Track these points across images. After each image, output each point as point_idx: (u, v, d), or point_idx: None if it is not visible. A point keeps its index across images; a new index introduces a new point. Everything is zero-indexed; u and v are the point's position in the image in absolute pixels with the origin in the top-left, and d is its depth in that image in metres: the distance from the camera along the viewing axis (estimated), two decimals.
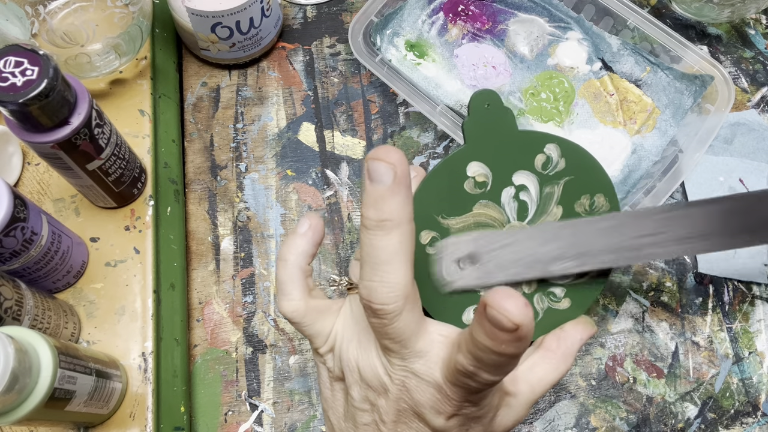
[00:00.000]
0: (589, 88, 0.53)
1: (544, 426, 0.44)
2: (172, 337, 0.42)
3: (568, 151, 0.35)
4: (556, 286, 0.35)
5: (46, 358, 0.30)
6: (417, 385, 0.27)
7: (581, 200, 0.35)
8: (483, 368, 0.24)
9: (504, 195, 0.35)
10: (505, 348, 0.22)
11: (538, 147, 0.35)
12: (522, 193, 0.35)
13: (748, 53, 0.57)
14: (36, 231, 0.35)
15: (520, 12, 0.55)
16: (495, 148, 0.34)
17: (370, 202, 0.25)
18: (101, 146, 0.37)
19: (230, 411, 0.43)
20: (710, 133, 0.47)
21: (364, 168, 0.25)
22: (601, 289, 0.36)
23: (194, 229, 0.48)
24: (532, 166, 0.35)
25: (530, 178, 0.35)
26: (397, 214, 0.25)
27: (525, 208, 0.35)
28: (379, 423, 0.28)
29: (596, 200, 0.35)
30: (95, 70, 0.44)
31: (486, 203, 0.35)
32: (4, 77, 0.31)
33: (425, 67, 0.53)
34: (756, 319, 0.47)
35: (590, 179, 0.35)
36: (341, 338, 0.30)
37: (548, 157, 0.35)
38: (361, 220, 0.26)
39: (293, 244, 0.31)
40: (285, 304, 0.31)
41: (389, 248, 0.25)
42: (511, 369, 0.24)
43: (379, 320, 0.26)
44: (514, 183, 0.35)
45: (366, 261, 0.26)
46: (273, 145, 0.51)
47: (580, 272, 0.34)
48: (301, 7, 0.57)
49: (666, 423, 0.44)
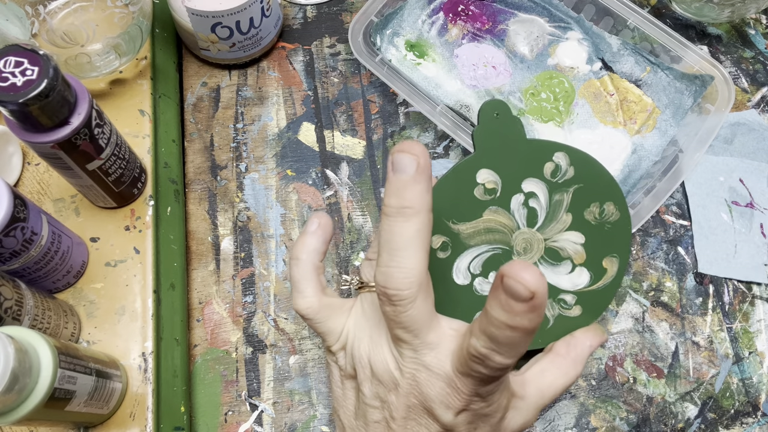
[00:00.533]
0: (589, 88, 0.53)
1: (544, 426, 0.44)
2: (172, 337, 0.42)
3: (577, 160, 0.35)
4: (567, 293, 0.35)
5: (46, 358, 0.30)
6: (427, 378, 0.27)
7: (591, 208, 0.36)
8: (496, 349, 0.24)
9: (513, 202, 0.35)
10: (519, 320, 0.23)
11: (547, 155, 0.35)
12: (531, 200, 0.35)
13: (748, 53, 0.57)
14: (36, 231, 0.35)
15: (520, 12, 0.55)
16: (504, 156, 0.35)
17: (392, 191, 0.26)
18: (101, 146, 0.37)
19: (230, 411, 0.43)
20: (710, 133, 0.47)
21: (389, 161, 0.27)
22: (612, 296, 0.36)
23: (194, 229, 0.48)
24: (541, 173, 0.35)
25: (539, 186, 0.35)
26: (417, 201, 0.26)
27: (534, 215, 0.35)
28: (389, 420, 0.29)
29: (606, 208, 0.36)
30: (95, 70, 0.44)
31: (496, 209, 0.35)
32: (4, 77, 0.31)
33: (425, 67, 0.53)
34: (756, 319, 0.47)
35: (599, 187, 0.35)
36: (353, 336, 0.31)
37: (557, 165, 0.35)
38: (382, 209, 0.27)
39: (305, 243, 0.32)
40: (300, 301, 0.31)
41: (407, 234, 0.26)
42: (523, 351, 0.24)
43: (393, 307, 0.27)
44: (524, 190, 0.35)
45: (384, 247, 0.27)
46: (273, 145, 0.51)
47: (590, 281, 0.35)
48: (301, 7, 0.57)
49: (666, 423, 0.44)
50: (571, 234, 0.36)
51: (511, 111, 0.34)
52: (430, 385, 0.27)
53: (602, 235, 0.36)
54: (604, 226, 0.36)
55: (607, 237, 0.36)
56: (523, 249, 0.36)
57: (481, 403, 0.27)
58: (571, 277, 0.36)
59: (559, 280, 0.36)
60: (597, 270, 0.36)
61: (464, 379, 0.26)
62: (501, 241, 0.35)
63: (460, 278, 0.35)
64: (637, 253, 0.49)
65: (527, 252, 0.36)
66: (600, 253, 0.36)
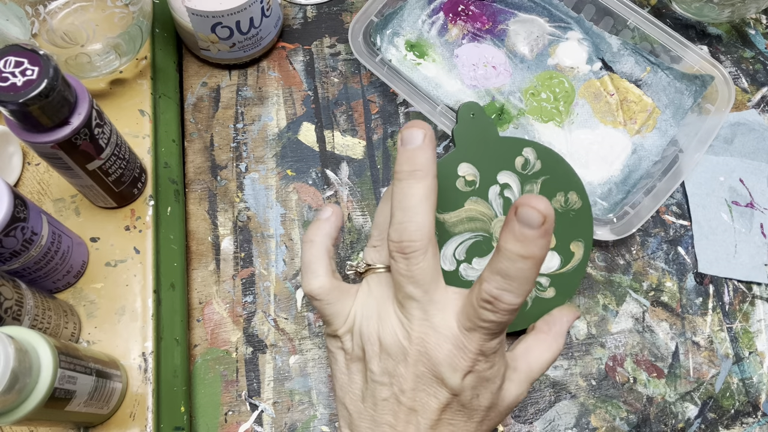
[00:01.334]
0: (589, 88, 0.53)
1: (544, 426, 0.44)
2: (172, 337, 0.42)
3: (543, 154, 0.40)
4: (542, 275, 0.40)
5: (46, 358, 0.30)
6: (435, 341, 0.29)
7: (557, 197, 0.40)
8: (507, 287, 0.27)
9: (491, 192, 0.39)
10: (532, 248, 0.26)
11: (517, 150, 0.40)
12: (506, 190, 0.39)
13: (748, 53, 0.57)
14: (36, 231, 0.35)
15: (520, 12, 0.55)
16: (481, 151, 0.39)
17: (403, 160, 0.30)
18: (101, 146, 0.37)
19: (230, 411, 0.43)
20: (710, 133, 0.47)
21: (398, 138, 0.30)
22: (581, 277, 0.40)
23: (194, 229, 0.48)
24: (513, 167, 0.39)
25: (512, 178, 0.39)
26: (426, 165, 0.29)
27: (510, 204, 0.39)
28: (398, 394, 0.30)
29: (569, 197, 0.40)
30: (95, 70, 0.44)
31: (476, 200, 0.39)
32: (4, 77, 0.31)
33: (425, 67, 0.53)
34: (756, 319, 0.47)
35: (563, 179, 0.40)
36: (360, 316, 0.32)
37: (526, 159, 0.39)
38: (393, 177, 0.30)
39: (318, 227, 0.34)
40: (312, 281, 0.33)
41: (419, 194, 0.29)
42: (530, 288, 0.27)
43: (406, 261, 0.29)
44: (499, 182, 0.39)
45: (397, 207, 0.30)
46: (273, 145, 0.51)
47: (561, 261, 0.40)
48: (301, 7, 0.57)
49: (666, 423, 0.44)
50: None
51: (485, 111, 0.39)
52: (438, 347, 0.29)
53: (568, 221, 0.40)
54: (569, 213, 0.40)
55: (572, 223, 0.40)
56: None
57: (484, 364, 0.29)
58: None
59: None
60: (566, 253, 0.40)
61: (471, 335, 0.28)
62: (482, 228, 0.39)
63: (447, 264, 0.38)
64: (637, 253, 0.49)
65: None
66: (567, 238, 0.40)
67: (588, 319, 0.47)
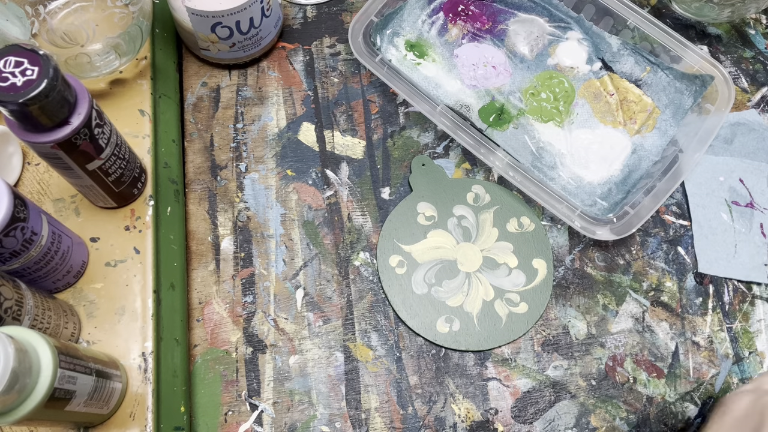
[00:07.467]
0: (589, 88, 0.53)
1: (544, 426, 0.44)
2: (172, 337, 0.42)
3: (491, 189, 0.49)
4: (511, 292, 0.46)
5: (46, 358, 0.30)
6: None
7: (511, 221, 0.48)
8: None
9: (449, 223, 0.47)
10: None
11: (467, 188, 0.48)
12: (463, 221, 0.47)
13: (748, 53, 0.57)
14: (36, 231, 0.35)
15: (520, 12, 0.55)
16: (435, 191, 0.48)
17: None
18: (101, 146, 0.37)
19: (230, 411, 0.43)
20: (710, 133, 0.47)
21: None
22: (549, 290, 0.46)
23: (194, 229, 0.48)
24: (466, 201, 0.48)
25: (467, 210, 0.48)
26: None
27: (468, 232, 0.47)
28: None
29: (522, 221, 0.48)
30: (95, 70, 0.44)
31: (437, 231, 0.47)
32: (4, 77, 0.31)
33: (425, 67, 0.53)
34: (756, 319, 0.47)
35: (513, 207, 0.48)
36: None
37: (476, 194, 0.48)
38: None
39: None
40: None
41: None
42: None
43: None
44: (455, 214, 0.47)
45: None
46: (273, 145, 0.51)
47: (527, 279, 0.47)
48: (301, 7, 0.57)
49: (666, 423, 0.44)
50: (500, 243, 0.47)
51: (433, 162, 0.49)
52: None
53: (526, 242, 0.47)
54: (525, 235, 0.47)
55: (529, 243, 0.47)
56: (465, 259, 0.46)
57: None
58: (511, 279, 0.46)
59: (501, 282, 0.46)
60: (529, 271, 0.47)
61: None
62: (446, 255, 0.46)
63: (419, 288, 0.46)
64: (637, 253, 0.49)
65: (469, 261, 0.46)
66: (528, 256, 0.47)
67: (588, 319, 0.47)
